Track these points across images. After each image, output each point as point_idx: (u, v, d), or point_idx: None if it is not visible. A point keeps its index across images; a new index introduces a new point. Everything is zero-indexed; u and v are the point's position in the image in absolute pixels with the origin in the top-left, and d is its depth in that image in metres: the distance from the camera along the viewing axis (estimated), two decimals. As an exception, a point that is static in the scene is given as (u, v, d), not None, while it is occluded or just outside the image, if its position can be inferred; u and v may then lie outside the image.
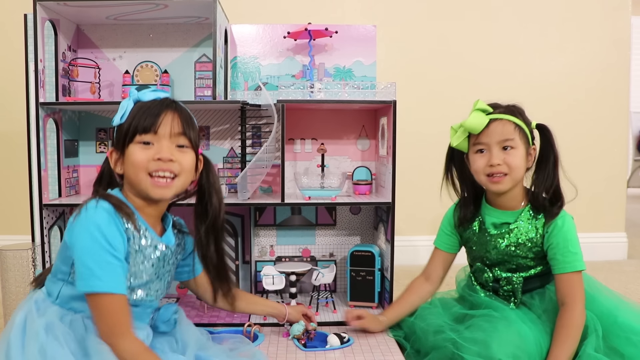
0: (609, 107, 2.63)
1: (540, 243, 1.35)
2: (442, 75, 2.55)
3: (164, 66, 1.85)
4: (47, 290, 1.12)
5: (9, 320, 1.08)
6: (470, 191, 1.47)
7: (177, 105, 1.15)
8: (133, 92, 1.16)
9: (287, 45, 1.88)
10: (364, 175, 1.90)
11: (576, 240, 1.32)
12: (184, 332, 1.22)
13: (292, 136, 1.90)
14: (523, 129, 1.34)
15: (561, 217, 1.33)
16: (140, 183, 1.10)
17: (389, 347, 1.46)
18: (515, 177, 1.34)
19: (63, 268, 1.09)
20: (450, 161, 1.48)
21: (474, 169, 1.37)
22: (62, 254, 1.10)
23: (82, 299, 1.05)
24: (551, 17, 2.59)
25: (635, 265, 2.59)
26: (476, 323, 1.30)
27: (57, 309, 1.07)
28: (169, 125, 1.11)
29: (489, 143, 1.33)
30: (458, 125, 1.39)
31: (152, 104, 1.13)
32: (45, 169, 1.64)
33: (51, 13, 1.66)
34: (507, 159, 1.32)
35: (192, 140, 1.14)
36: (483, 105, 1.34)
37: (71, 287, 1.07)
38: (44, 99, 1.62)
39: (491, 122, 1.33)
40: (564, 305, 1.27)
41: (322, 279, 1.69)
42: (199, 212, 1.22)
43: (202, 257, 1.24)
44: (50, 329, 1.02)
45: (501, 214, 1.40)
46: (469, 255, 1.50)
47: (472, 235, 1.45)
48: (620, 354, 1.21)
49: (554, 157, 1.36)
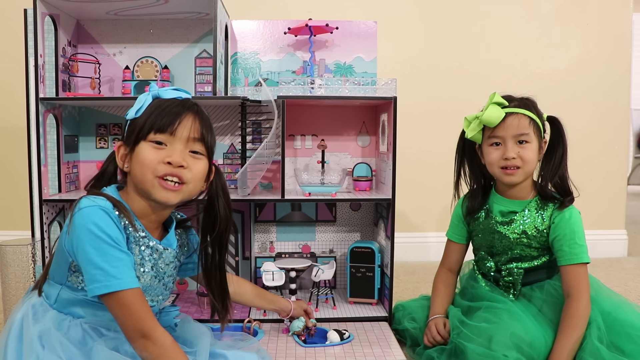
0: (610, 104, 2.63)
1: (546, 234, 1.36)
2: (443, 72, 2.54)
3: (164, 62, 1.85)
4: (44, 293, 1.07)
5: (6, 324, 1.05)
6: (479, 182, 1.48)
7: (198, 108, 1.09)
8: (154, 86, 1.10)
9: (287, 41, 1.87)
10: (364, 171, 1.90)
11: (582, 233, 1.33)
12: (190, 330, 1.18)
13: (293, 132, 1.89)
14: (537, 123, 1.35)
15: (569, 209, 1.35)
16: (145, 183, 1.04)
17: (389, 343, 1.46)
18: (528, 170, 1.36)
19: (60, 272, 1.04)
20: (462, 152, 1.49)
21: (489, 161, 1.38)
22: (58, 257, 1.05)
23: (81, 304, 1.03)
24: (552, 13, 2.58)
25: (635, 263, 2.59)
26: (480, 314, 1.31)
27: (54, 314, 1.03)
28: (187, 128, 1.05)
29: (504, 136, 1.34)
30: (473, 117, 1.39)
31: (173, 103, 1.07)
32: (45, 165, 1.64)
33: (51, 8, 1.66)
34: (521, 153, 1.33)
35: (208, 148, 1.09)
36: (499, 99, 1.35)
37: (69, 291, 1.04)
38: (44, 94, 1.62)
39: (507, 116, 1.34)
40: (570, 296, 1.28)
41: (322, 275, 1.69)
42: (207, 224, 1.15)
43: (204, 269, 1.18)
44: (46, 337, 0.98)
45: (510, 203, 1.41)
46: (474, 243, 1.51)
47: (478, 223, 1.46)
48: (620, 350, 1.21)
49: (562, 149, 1.37)
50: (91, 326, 1.03)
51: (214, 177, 1.14)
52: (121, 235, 1.00)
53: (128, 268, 0.98)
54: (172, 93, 1.10)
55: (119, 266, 0.96)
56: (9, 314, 1.59)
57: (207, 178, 1.13)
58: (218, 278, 1.18)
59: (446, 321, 1.40)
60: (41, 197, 1.61)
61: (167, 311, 1.17)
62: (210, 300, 1.19)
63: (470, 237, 1.52)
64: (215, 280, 1.18)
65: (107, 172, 1.13)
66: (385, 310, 1.68)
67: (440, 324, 1.40)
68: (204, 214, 1.16)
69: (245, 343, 1.24)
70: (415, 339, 1.47)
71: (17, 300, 1.59)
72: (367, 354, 1.38)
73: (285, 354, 1.38)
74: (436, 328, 1.39)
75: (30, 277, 1.61)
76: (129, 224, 1.03)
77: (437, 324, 1.40)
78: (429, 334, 1.40)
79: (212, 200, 1.14)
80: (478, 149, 1.45)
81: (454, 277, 1.54)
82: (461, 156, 1.49)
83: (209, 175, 1.13)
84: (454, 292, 1.53)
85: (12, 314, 1.06)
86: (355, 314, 1.67)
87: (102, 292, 0.95)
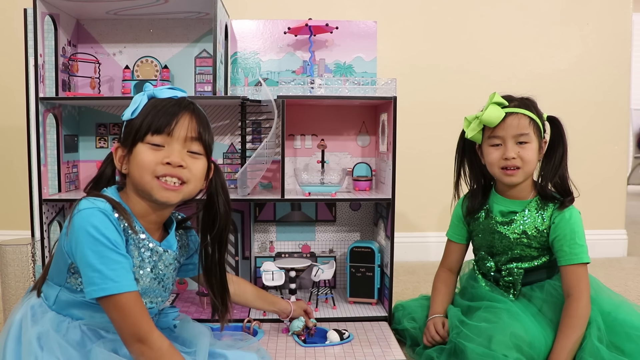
0: (610, 104, 2.63)
1: (546, 234, 1.36)
2: (443, 72, 2.54)
3: (164, 61, 1.85)
4: (43, 294, 1.07)
5: (5, 325, 1.04)
6: (479, 182, 1.48)
7: (194, 107, 1.08)
8: (149, 86, 1.09)
9: (287, 41, 1.87)
10: (364, 171, 1.90)
11: (582, 233, 1.33)
12: (189, 330, 1.18)
13: (292, 132, 1.89)
14: (537, 123, 1.35)
15: (569, 209, 1.35)
16: (145, 185, 1.03)
17: (389, 342, 1.46)
18: (528, 171, 1.36)
19: (59, 273, 1.04)
20: (462, 152, 1.49)
21: (489, 161, 1.38)
22: (57, 259, 1.05)
23: (80, 306, 1.02)
24: (552, 13, 2.58)
25: (634, 263, 2.59)
26: (480, 314, 1.31)
27: (53, 315, 1.02)
28: (184, 128, 1.04)
29: (504, 137, 1.34)
30: (473, 117, 1.39)
31: (169, 103, 1.06)
32: (45, 164, 1.64)
33: (51, 8, 1.65)
34: (521, 153, 1.33)
35: (206, 147, 1.09)
36: (499, 99, 1.35)
37: (68, 292, 1.03)
38: (44, 94, 1.62)
39: (507, 116, 1.34)
40: (570, 296, 1.28)
41: (321, 275, 1.69)
42: (206, 222, 1.15)
43: (204, 268, 1.17)
44: (45, 339, 0.97)
45: (510, 203, 1.41)
46: (474, 243, 1.51)
47: (478, 223, 1.46)
48: (620, 349, 1.21)
49: (562, 150, 1.37)
50: (90, 328, 1.03)
51: (213, 174, 1.14)
52: (120, 238, 0.99)
53: (126, 271, 0.98)
54: (167, 92, 1.09)
55: (117, 269, 0.96)
56: (9, 313, 1.60)
57: (207, 176, 1.13)
58: (218, 276, 1.18)
59: (445, 321, 1.40)
60: (41, 197, 1.61)
61: (167, 312, 1.17)
62: (211, 298, 1.19)
63: (471, 237, 1.52)
64: (216, 278, 1.17)
65: (105, 174, 1.12)
66: (385, 310, 1.68)
67: (439, 323, 1.40)
68: (204, 211, 1.16)
69: (245, 343, 1.23)
70: (415, 338, 1.47)
71: (17, 300, 1.59)
72: (366, 354, 1.38)
73: (285, 353, 1.38)
74: (435, 328, 1.39)
75: (30, 276, 1.61)
76: (128, 227, 1.03)
77: (435, 324, 1.40)
78: (427, 333, 1.40)
79: (211, 197, 1.14)
80: (478, 149, 1.45)
81: (453, 276, 1.54)
82: (461, 156, 1.49)
83: (208, 173, 1.13)
84: (453, 291, 1.53)
85: (11, 314, 1.05)
86: (355, 313, 1.67)
87: (99, 295, 0.95)
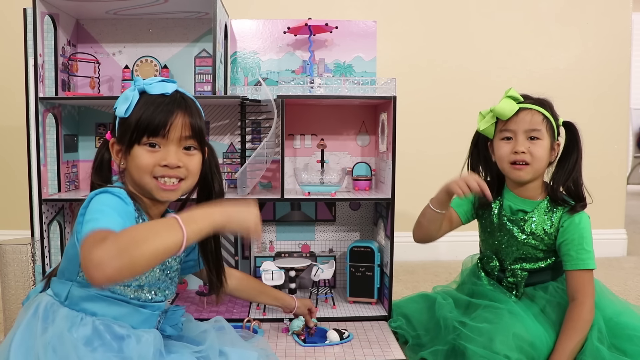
0: (609, 103, 2.63)
1: (553, 237, 1.36)
2: (442, 71, 2.54)
3: (163, 61, 1.85)
4: (53, 291, 1.05)
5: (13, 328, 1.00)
6: (494, 176, 1.48)
7: (186, 102, 1.08)
8: (138, 80, 1.08)
9: (287, 41, 1.87)
10: (364, 171, 1.90)
11: (591, 239, 1.33)
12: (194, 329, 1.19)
13: (292, 132, 1.89)
14: (550, 122, 1.35)
15: (579, 214, 1.35)
16: (145, 185, 1.06)
17: (388, 342, 1.46)
18: (537, 168, 1.35)
19: (70, 267, 1.03)
20: (475, 147, 1.49)
21: (499, 155, 1.38)
22: (69, 252, 1.04)
23: (93, 299, 1.01)
24: (552, 13, 2.58)
25: (634, 262, 2.59)
26: (481, 314, 1.31)
27: (66, 311, 1.00)
28: (178, 130, 1.05)
29: (516, 130, 1.34)
30: (487, 111, 1.40)
31: (161, 101, 1.05)
32: (44, 164, 1.64)
33: (51, 7, 1.65)
34: (531, 149, 1.33)
35: (200, 138, 1.10)
36: (515, 94, 1.36)
37: (80, 287, 1.02)
38: (44, 94, 1.62)
39: (520, 111, 1.34)
40: (575, 300, 1.28)
41: (321, 274, 1.70)
42: (202, 201, 1.18)
43: (202, 250, 1.20)
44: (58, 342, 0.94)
45: (520, 201, 1.41)
46: (481, 240, 1.51)
47: (489, 219, 1.46)
48: (621, 350, 1.21)
49: (577, 155, 1.38)
50: (104, 323, 1.00)
51: (208, 155, 1.15)
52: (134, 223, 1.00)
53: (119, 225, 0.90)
54: (158, 87, 1.07)
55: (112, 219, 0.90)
56: (9, 313, 1.60)
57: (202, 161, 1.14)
58: (214, 251, 1.20)
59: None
60: (41, 197, 1.61)
61: (174, 310, 1.17)
62: (207, 275, 1.21)
63: (469, 220, 1.51)
64: (212, 255, 1.20)
65: (105, 160, 1.14)
66: (385, 309, 1.68)
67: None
68: (199, 191, 1.18)
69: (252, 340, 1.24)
70: (415, 338, 1.47)
71: (17, 300, 1.59)
72: (366, 354, 1.39)
73: (285, 353, 1.38)
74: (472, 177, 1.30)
75: (30, 276, 1.61)
76: (139, 217, 1.05)
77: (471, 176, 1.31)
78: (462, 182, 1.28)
79: (206, 177, 1.17)
80: (490, 146, 1.44)
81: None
82: (473, 150, 1.48)
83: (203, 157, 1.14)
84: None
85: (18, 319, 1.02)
86: (354, 313, 1.67)
87: (84, 232, 0.86)
